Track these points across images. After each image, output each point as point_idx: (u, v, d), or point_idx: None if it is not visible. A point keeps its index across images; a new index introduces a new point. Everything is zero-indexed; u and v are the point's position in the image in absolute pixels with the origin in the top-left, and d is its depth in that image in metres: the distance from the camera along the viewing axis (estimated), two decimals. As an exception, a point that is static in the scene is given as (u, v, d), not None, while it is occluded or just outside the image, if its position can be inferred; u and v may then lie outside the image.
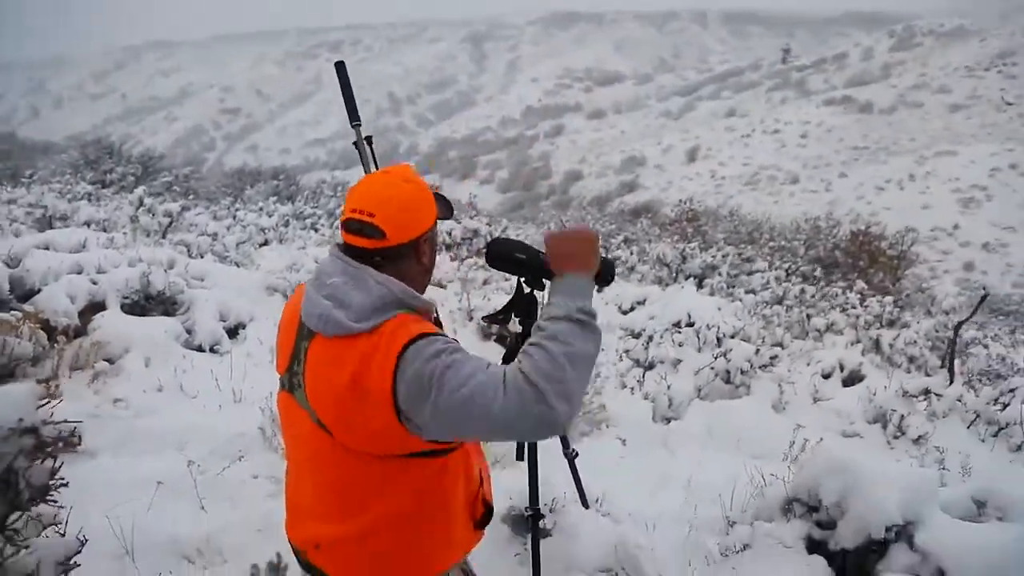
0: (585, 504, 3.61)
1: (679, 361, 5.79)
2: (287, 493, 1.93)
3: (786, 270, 13.56)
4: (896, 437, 5.37)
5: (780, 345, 8.48)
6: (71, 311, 4.94)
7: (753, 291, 12.66)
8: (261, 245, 12.32)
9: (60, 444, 3.71)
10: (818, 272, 15.61)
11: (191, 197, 21.86)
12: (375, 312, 1.59)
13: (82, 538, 1.98)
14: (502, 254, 2.91)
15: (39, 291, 5.04)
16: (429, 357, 1.50)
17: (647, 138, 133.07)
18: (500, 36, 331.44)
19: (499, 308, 3.00)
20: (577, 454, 3.46)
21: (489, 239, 13.24)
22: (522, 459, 3.15)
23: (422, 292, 1.79)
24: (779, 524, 2.83)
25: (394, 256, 1.67)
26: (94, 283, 5.21)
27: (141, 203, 11.71)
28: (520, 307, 2.98)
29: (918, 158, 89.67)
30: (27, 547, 1.81)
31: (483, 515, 1.93)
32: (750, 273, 14.87)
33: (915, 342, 8.72)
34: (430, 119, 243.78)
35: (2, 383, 4.47)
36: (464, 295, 7.38)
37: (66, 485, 1.98)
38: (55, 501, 1.93)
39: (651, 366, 5.78)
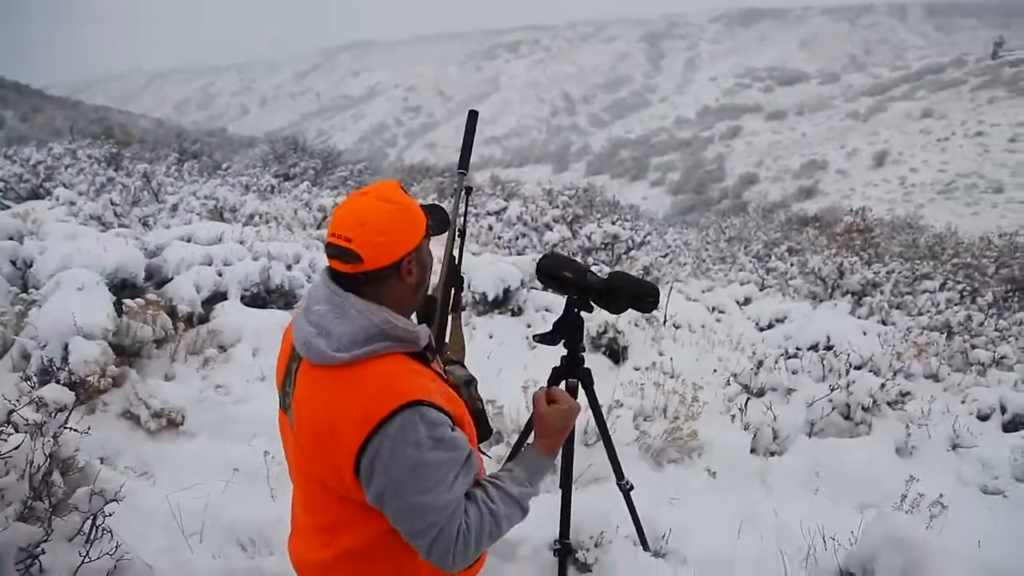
0: (644, 543, 3.36)
1: (791, 391, 5.30)
2: (291, 510, 1.93)
3: (961, 292, 12.12)
4: (1053, 500, 4.59)
5: (935, 377, 7.62)
6: (195, 300, 5.32)
7: (919, 313, 11.46)
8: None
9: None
10: (1007, 295, 13.83)
11: (362, 192, 23.12)
12: (355, 343, 1.57)
13: (48, 529, 2.07)
14: (549, 270, 2.77)
15: (171, 279, 5.47)
16: (407, 442, 1.50)
17: (830, 141, 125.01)
18: (678, 35, 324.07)
19: (551, 328, 2.86)
20: (632, 487, 3.24)
21: (630, 244, 12.93)
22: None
23: (411, 311, 1.76)
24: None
25: (375, 279, 1.63)
26: (220, 275, 5.58)
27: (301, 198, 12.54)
28: (566, 329, 2.83)
29: None
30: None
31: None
32: (923, 292, 13.50)
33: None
34: (604, 119, 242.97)
35: (129, 363, 4.90)
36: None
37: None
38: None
39: (761, 393, 5.33)
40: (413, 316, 1.88)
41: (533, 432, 1.92)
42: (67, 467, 3.29)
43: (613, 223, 13.02)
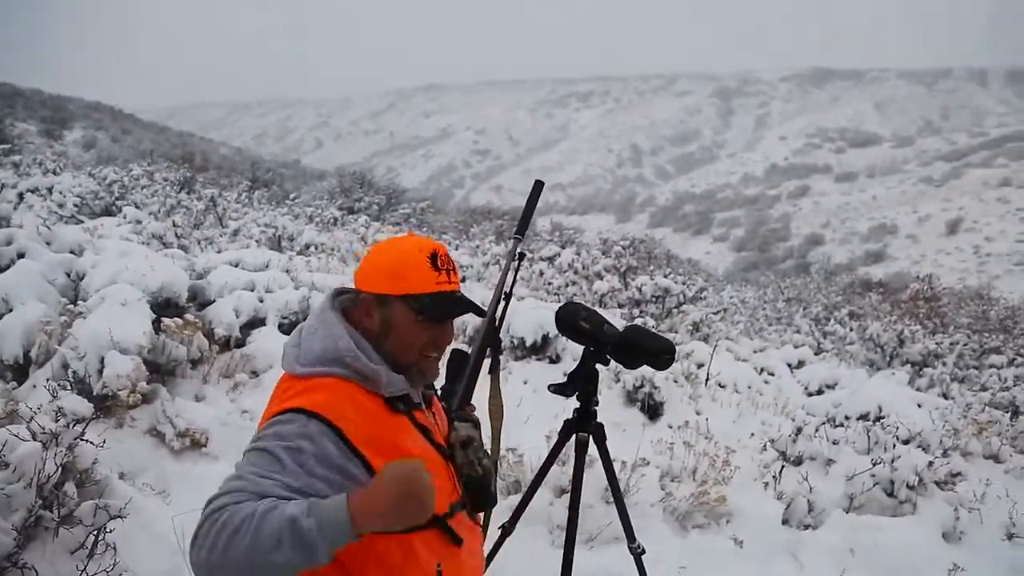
0: (654, 610, 3.18)
1: (831, 461, 5.02)
2: None
3: (1031, 369, 11.49)
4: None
5: (996, 459, 7.15)
6: (233, 324, 5.39)
7: (983, 389, 10.88)
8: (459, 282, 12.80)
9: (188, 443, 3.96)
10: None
11: (424, 229, 23.43)
12: (315, 362, 1.59)
13: (20, 539, 2.05)
14: (566, 320, 2.70)
15: (213, 302, 5.56)
16: (267, 431, 1.47)
17: (902, 205, 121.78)
18: (750, 92, 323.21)
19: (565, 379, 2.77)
20: (644, 551, 3.07)
21: (681, 298, 12.69)
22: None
23: (388, 358, 1.63)
24: None
25: (355, 300, 1.71)
26: (261, 301, 5.65)
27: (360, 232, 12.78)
28: (580, 380, 2.74)
29: None
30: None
31: None
32: (989, 367, 12.86)
33: None
34: (670, 172, 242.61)
35: (162, 381, 4.97)
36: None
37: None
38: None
39: (799, 462, 5.07)
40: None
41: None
42: (83, 479, 3.31)
43: (665, 276, 12.84)
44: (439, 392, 2.03)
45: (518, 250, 2.27)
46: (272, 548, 1.21)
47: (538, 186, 2.40)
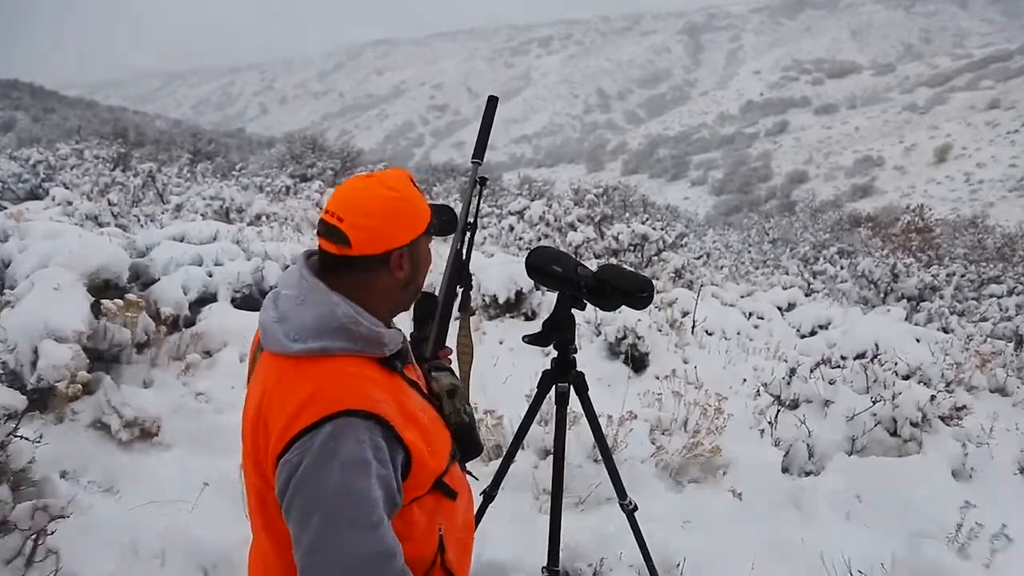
0: (652, 572, 3.15)
1: (829, 402, 5.02)
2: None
3: (1029, 296, 11.67)
4: None
5: (1002, 391, 7.23)
6: (182, 302, 5.22)
7: (983, 319, 11.04)
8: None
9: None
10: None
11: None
12: (311, 335, 1.51)
13: None
14: (537, 265, 2.60)
15: (158, 280, 5.39)
16: (327, 461, 1.38)
17: (886, 136, 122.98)
18: (719, 27, 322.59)
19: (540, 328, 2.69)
20: (636, 507, 3.03)
21: (661, 245, 12.68)
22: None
23: (398, 309, 1.69)
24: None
25: (361, 267, 1.57)
26: (210, 275, 5.49)
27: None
28: (556, 328, 2.65)
29: None
30: None
31: None
32: (989, 297, 13.04)
33: None
34: (641, 116, 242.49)
35: (106, 369, 4.81)
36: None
37: None
38: None
39: (794, 405, 5.07)
40: (405, 317, 1.79)
41: None
42: (18, 481, 3.18)
43: (643, 223, 12.79)
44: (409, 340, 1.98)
45: (478, 175, 2.20)
46: None
47: (492, 101, 2.29)
